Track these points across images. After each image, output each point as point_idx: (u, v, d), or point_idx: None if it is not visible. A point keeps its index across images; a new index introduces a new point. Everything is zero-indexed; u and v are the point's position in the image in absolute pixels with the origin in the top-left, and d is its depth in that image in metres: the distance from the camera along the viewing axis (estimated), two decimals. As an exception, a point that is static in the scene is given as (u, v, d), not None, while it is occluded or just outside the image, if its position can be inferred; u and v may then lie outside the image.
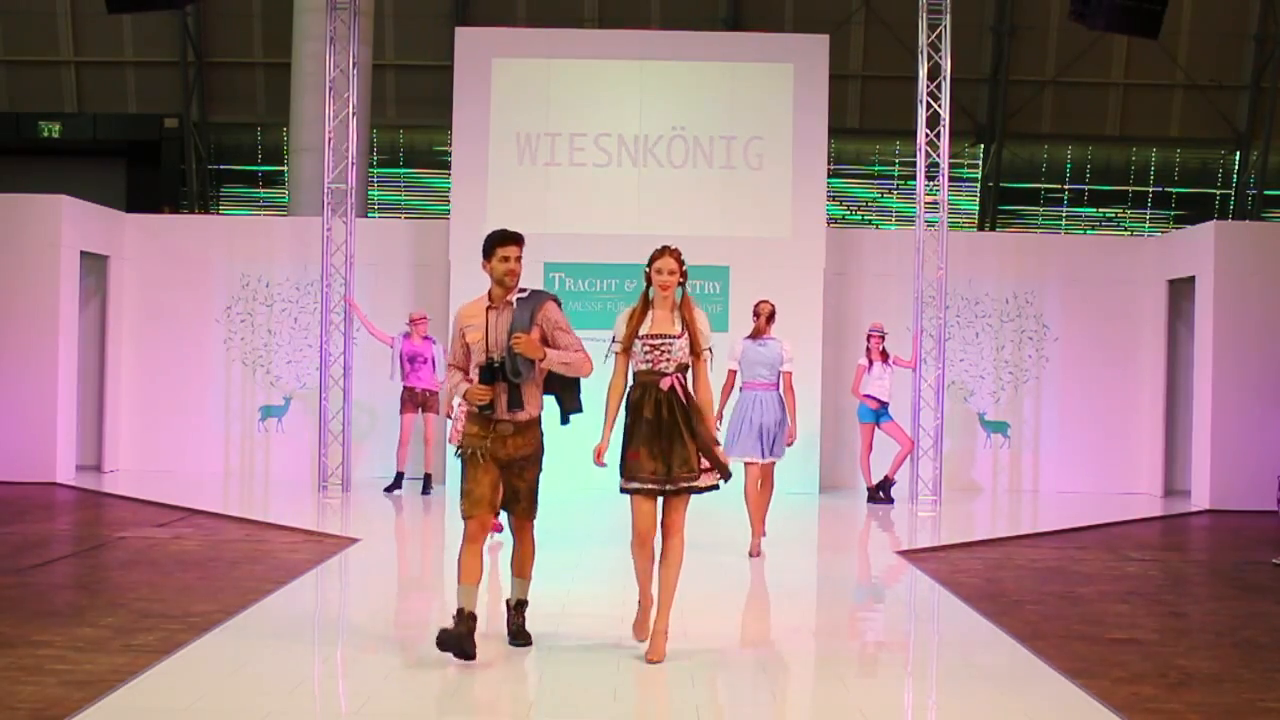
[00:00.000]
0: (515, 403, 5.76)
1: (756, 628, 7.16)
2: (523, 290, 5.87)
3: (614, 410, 6.00)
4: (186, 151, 20.09)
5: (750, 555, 8.98)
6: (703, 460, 5.86)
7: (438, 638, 5.65)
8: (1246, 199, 20.23)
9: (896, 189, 20.30)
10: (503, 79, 13.46)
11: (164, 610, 6.73)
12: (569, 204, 13.38)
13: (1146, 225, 20.44)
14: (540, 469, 6.02)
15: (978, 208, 20.53)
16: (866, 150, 20.40)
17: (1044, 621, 6.98)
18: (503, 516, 6.09)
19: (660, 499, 5.86)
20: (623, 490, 5.93)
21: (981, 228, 19.97)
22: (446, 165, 16.59)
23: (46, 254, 12.77)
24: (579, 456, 6.54)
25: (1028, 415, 13.86)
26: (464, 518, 5.80)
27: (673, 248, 6.00)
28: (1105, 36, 17.66)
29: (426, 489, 12.35)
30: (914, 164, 12.93)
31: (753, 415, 8.94)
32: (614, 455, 5.98)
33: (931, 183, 12.83)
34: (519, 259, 5.86)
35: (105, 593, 7.34)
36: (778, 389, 9.05)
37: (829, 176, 14.53)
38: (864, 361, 12.50)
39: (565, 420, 6.01)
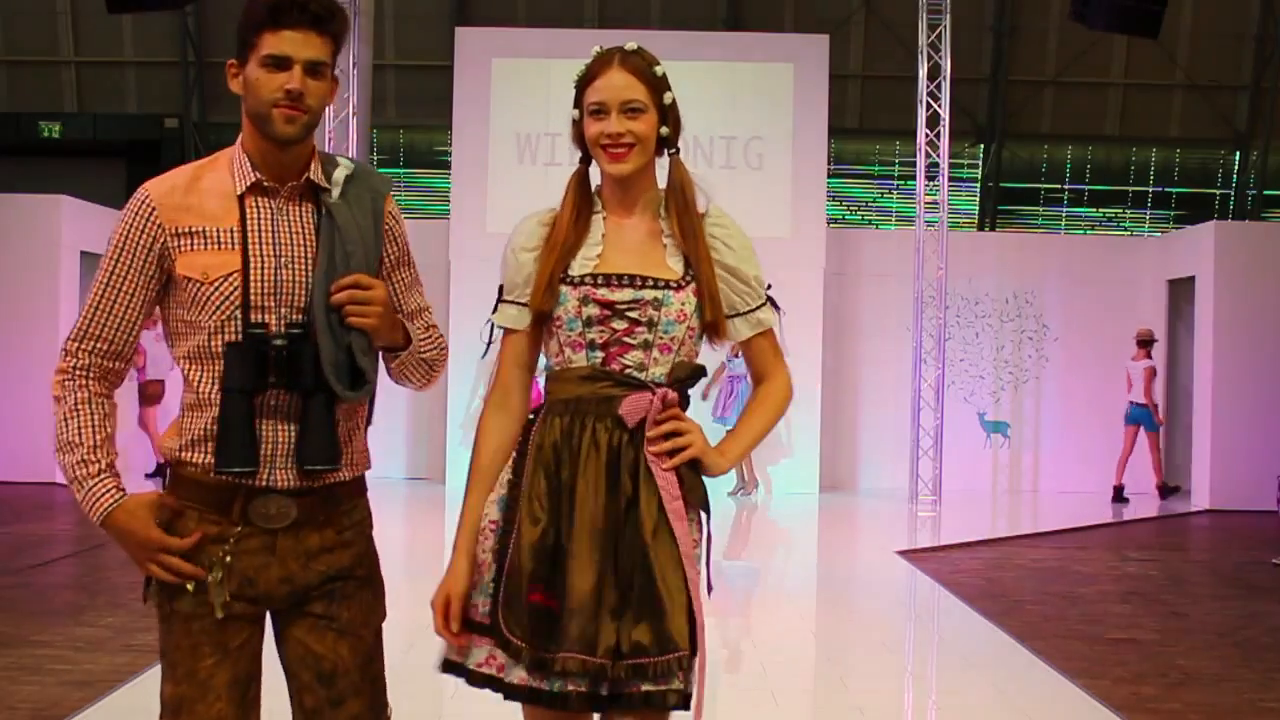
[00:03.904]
0: (322, 450, 2.32)
1: (756, 627, 7.16)
2: (335, 160, 2.41)
3: (489, 484, 2.43)
4: (186, 151, 20.06)
5: (731, 494, 11.85)
6: (697, 612, 2.33)
7: None
8: (1246, 199, 20.20)
9: (896, 189, 20.26)
10: (503, 79, 13.46)
11: (164, 610, 6.71)
12: (569, 204, 13.36)
13: (1146, 225, 20.41)
14: (383, 610, 2.51)
15: (978, 208, 20.49)
16: (866, 150, 20.35)
17: (1044, 621, 6.98)
18: None
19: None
20: (491, 686, 2.39)
21: (981, 228, 19.92)
22: (446, 165, 16.57)
23: (46, 254, 12.77)
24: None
25: (1028, 415, 13.86)
26: None
27: (631, 49, 2.45)
28: (1105, 36, 17.63)
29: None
30: (914, 164, 12.94)
31: (738, 389, 11.92)
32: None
33: (931, 183, 12.83)
34: (319, 71, 2.28)
35: (105, 593, 7.33)
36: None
37: (829, 176, 14.53)
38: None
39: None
